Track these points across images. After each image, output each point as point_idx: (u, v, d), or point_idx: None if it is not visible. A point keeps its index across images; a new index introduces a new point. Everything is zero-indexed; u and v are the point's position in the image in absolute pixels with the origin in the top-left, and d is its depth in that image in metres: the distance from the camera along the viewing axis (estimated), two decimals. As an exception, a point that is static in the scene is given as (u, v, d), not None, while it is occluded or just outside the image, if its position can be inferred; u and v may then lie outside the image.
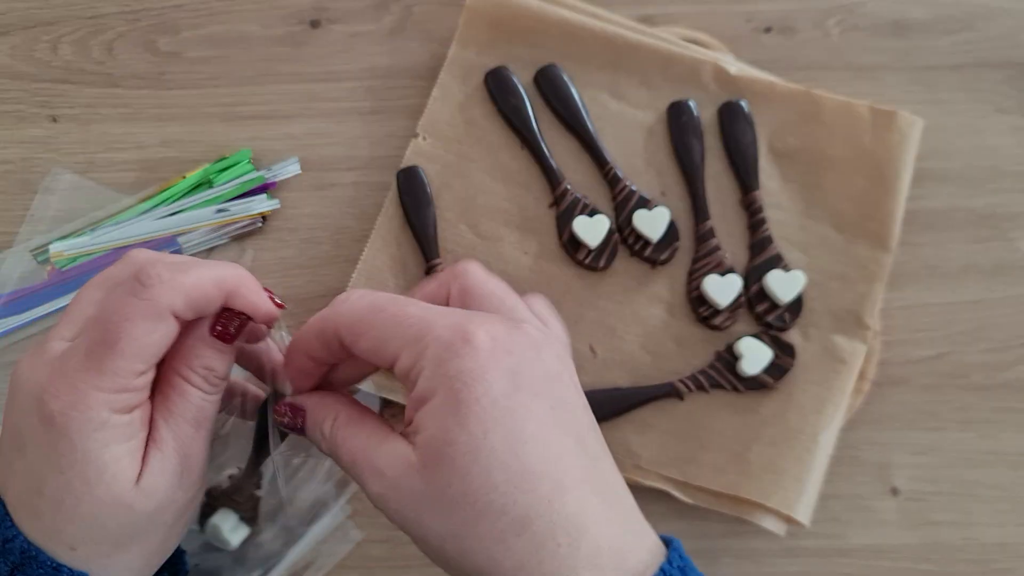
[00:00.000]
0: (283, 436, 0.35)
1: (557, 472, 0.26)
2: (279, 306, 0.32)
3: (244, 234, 0.47)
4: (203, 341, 0.31)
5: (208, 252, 0.47)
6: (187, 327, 0.30)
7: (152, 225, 0.46)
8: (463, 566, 0.27)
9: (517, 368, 0.27)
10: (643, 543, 0.28)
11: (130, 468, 0.29)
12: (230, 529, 0.38)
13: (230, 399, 0.35)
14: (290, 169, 0.47)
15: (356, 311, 0.29)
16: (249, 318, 0.31)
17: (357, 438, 0.29)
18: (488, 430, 0.26)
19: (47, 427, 0.28)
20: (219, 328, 0.30)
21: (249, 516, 0.38)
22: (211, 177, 0.47)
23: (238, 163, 0.47)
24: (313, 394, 0.32)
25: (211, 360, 0.31)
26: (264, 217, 0.47)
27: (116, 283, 0.29)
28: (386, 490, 0.27)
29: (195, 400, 0.30)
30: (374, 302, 0.29)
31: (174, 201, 0.46)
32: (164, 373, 0.30)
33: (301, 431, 0.32)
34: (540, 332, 0.29)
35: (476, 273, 0.31)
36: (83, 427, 0.28)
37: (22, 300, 0.45)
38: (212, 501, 0.38)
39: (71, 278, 0.45)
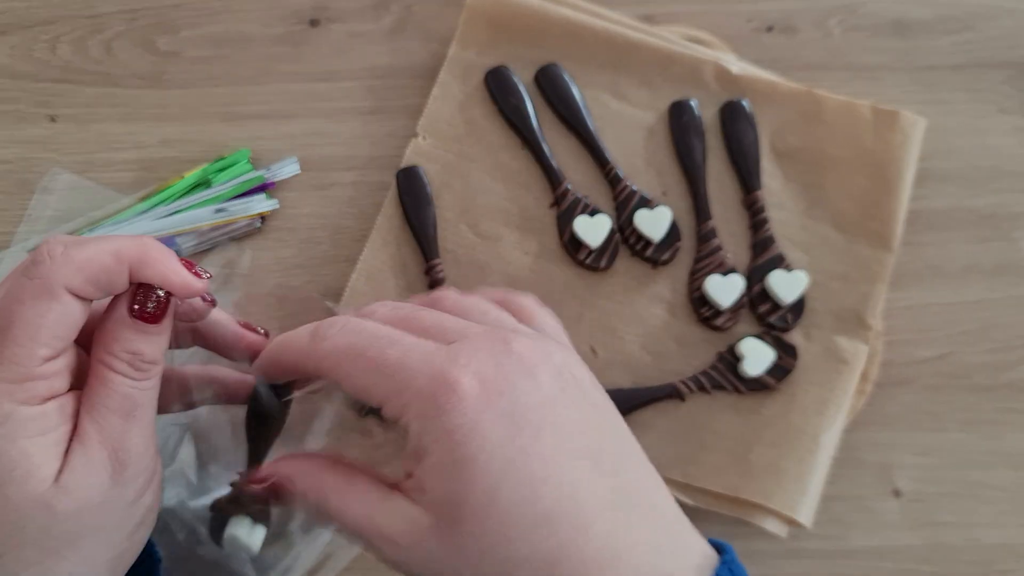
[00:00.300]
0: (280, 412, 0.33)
1: (575, 508, 0.25)
2: (198, 276, 0.28)
3: (243, 235, 0.47)
4: (122, 322, 0.28)
5: (206, 252, 0.46)
6: (108, 309, 0.28)
7: (150, 225, 0.46)
8: None
9: (512, 408, 0.25)
10: (688, 557, 0.26)
11: (46, 465, 0.26)
12: (247, 534, 0.36)
13: (199, 387, 0.33)
14: (289, 169, 0.47)
15: (335, 353, 0.27)
16: (170, 293, 0.28)
17: (357, 506, 0.27)
18: (496, 484, 0.25)
19: None
20: (136, 307, 0.27)
21: (262, 515, 0.36)
22: (210, 177, 0.46)
23: (237, 163, 0.47)
24: (292, 461, 0.30)
25: (134, 343, 0.27)
26: (263, 217, 0.47)
27: (17, 269, 0.27)
28: (402, 556, 0.26)
29: (120, 388, 0.27)
30: (355, 343, 0.27)
31: (173, 201, 0.46)
32: (92, 365, 0.28)
33: (284, 501, 0.30)
34: (532, 345, 0.27)
35: (450, 296, 0.30)
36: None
37: None
38: (220, 513, 0.36)
39: None
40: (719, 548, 0.27)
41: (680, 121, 0.46)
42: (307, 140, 0.48)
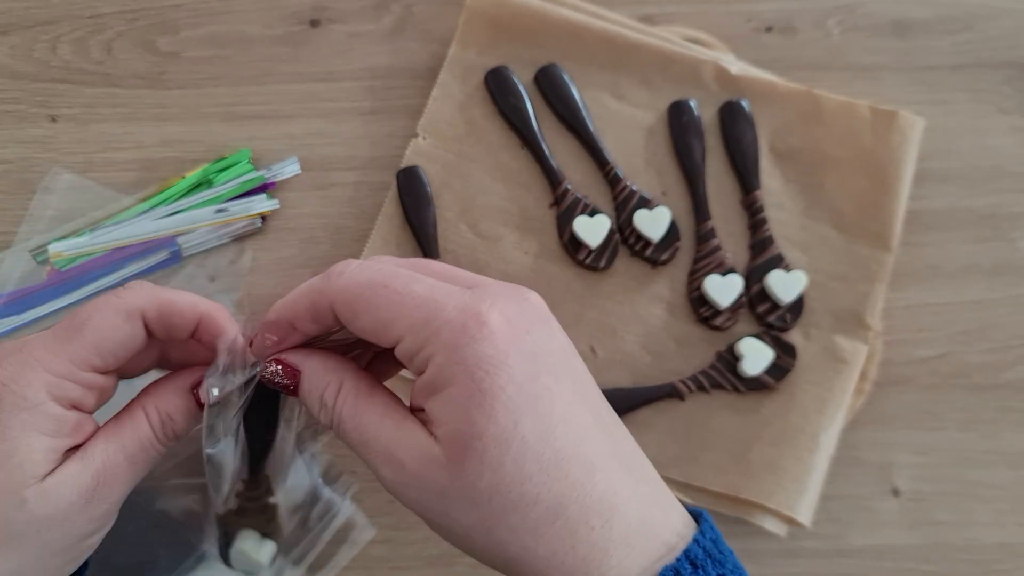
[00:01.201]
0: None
1: (586, 453, 0.25)
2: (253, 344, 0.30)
3: (244, 234, 0.47)
4: (177, 387, 0.30)
5: (207, 253, 0.46)
6: (169, 376, 0.30)
7: (151, 225, 0.46)
8: (493, 556, 0.26)
9: (536, 348, 0.26)
10: (672, 516, 0.27)
11: (40, 463, 0.27)
12: (255, 548, 0.35)
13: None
14: (290, 169, 0.47)
15: (354, 286, 0.27)
16: (219, 396, 0.30)
17: (368, 416, 0.27)
18: (518, 420, 0.25)
19: None
20: (196, 384, 0.30)
21: (270, 528, 0.36)
22: (211, 177, 0.47)
23: (237, 163, 0.47)
24: (312, 353, 0.29)
25: (175, 410, 0.30)
26: (263, 217, 0.47)
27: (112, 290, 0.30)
28: (406, 480, 0.26)
29: (142, 436, 0.29)
30: (374, 277, 0.27)
31: (173, 201, 0.46)
32: (128, 406, 0.30)
33: (293, 392, 0.29)
34: (541, 299, 0.28)
35: (437, 262, 0.30)
36: (15, 403, 0.27)
37: (21, 300, 0.45)
38: (227, 528, 0.36)
39: (70, 278, 0.45)
40: (695, 515, 0.28)
41: (679, 121, 0.47)
42: (307, 140, 0.48)
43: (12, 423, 0.27)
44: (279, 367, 0.29)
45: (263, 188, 0.47)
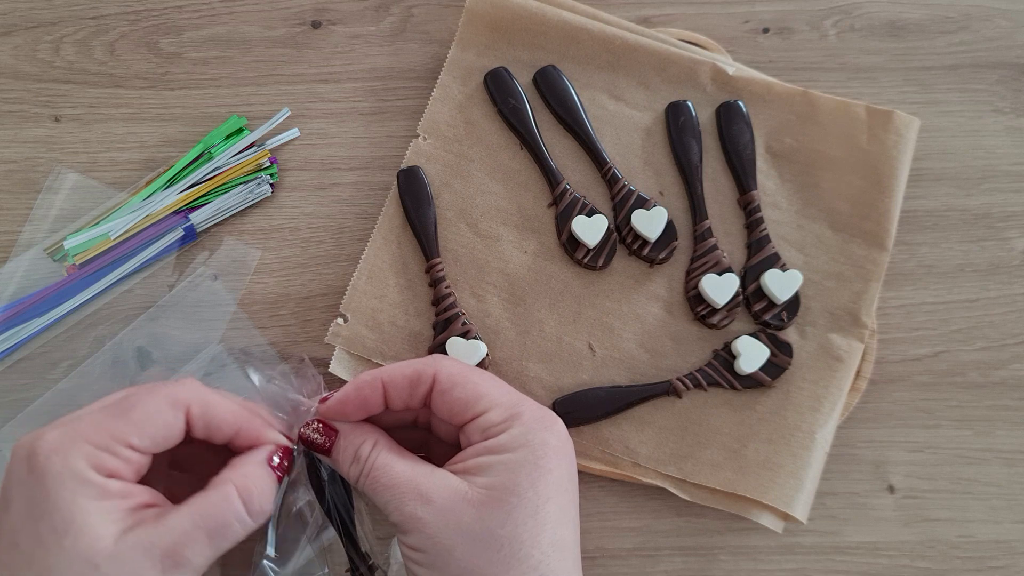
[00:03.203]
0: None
1: (574, 555, 0.31)
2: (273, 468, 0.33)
3: (254, 204, 0.47)
4: (261, 463, 0.32)
5: (213, 252, 0.47)
6: (248, 453, 0.32)
7: (162, 204, 0.46)
8: None
9: (570, 467, 0.32)
10: None
11: (103, 527, 0.28)
12: None
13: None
14: (289, 134, 0.48)
15: (458, 364, 0.33)
16: (291, 459, 0.33)
17: (401, 464, 0.31)
18: (550, 498, 0.30)
19: (29, 473, 0.28)
20: (275, 460, 0.33)
21: None
22: (211, 150, 0.47)
23: (233, 131, 0.48)
24: (349, 424, 0.34)
25: (266, 494, 0.31)
26: (272, 185, 0.47)
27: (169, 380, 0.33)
28: (429, 515, 0.29)
29: (229, 511, 0.30)
30: (470, 369, 0.33)
31: (179, 181, 0.47)
32: (215, 480, 0.31)
33: (326, 452, 0.33)
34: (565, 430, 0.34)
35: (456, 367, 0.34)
36: (58, 476, 0.28)
37: (46, 301, 0.45)
38: None
39: (90, 272, 0.45)
40: None
41: (677, 122, 0.47)
42: (309, 140, 0.49)
43: (63, 493, 0.28)
44: (319, 425, 0.33)
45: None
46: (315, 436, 0.33)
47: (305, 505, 0.36)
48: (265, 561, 0.35)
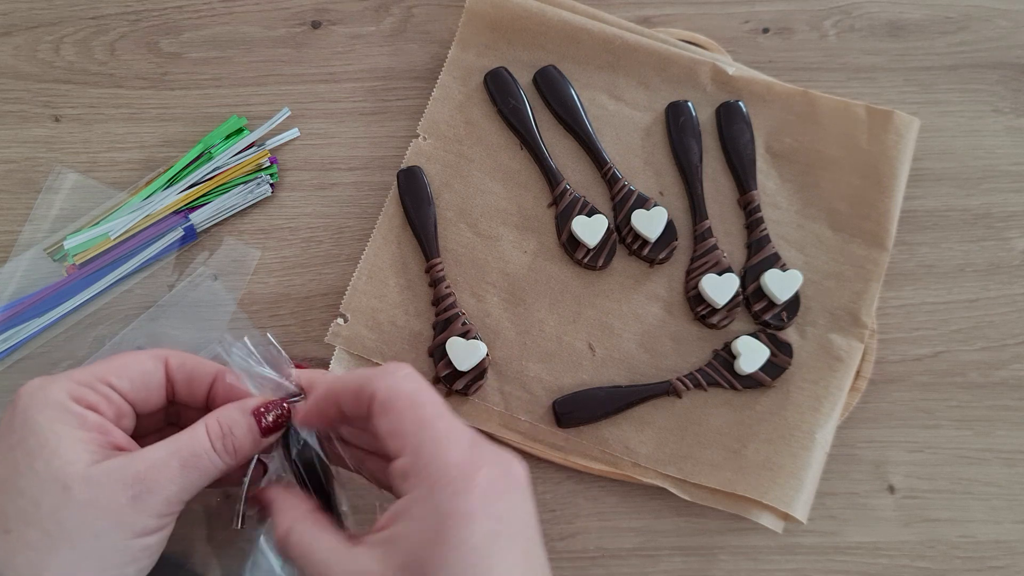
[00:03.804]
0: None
1: None
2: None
3: (254, 204, 0.47)
4: (241, 410, 0.32)
5: (213, 252, 0.47)
6: (237, 401, 0.33)
7: (162, 204, 0.46)
8: None
9: (503, 514, 0.28)
10: None
11: (76, 452, 0.28)
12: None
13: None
14: (289, 134, 0.48)
15: (397, 391, 0.30)
16: (287, 417, 0.33)
17: (323, 541, 0.29)
18: (462, 573, 0.27)
19: (11, 407, 0.29)
20: (261, 409, 0.33)
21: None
22: (210, 150, 0.47)
23: (233, 131, 0.48)
24: (279, 489, 0.33)
25: (236, 424, 0.32)
26: (272, 186, 0.47)
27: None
28: None
29: (198, 443, 0.31)
30: (416, 394, 0.30)
31: (179, 180, 0.47)
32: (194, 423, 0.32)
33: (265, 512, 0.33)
34: (525, 470, 0.30)
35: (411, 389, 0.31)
36: (38, 403, 0.29)
37: (47, 300, 0.45)
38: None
39: (91, 271, 0.45)
40: None
41: (677, 122, 0.47)
42: (309, 140, 0.49)
43: (39, 419, 0.29)
44: (257, 504, 0.34)
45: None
46: (252, 512, 0.34)
47: (278, 475, 0.36)
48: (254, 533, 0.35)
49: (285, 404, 0.33)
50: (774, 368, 0.43)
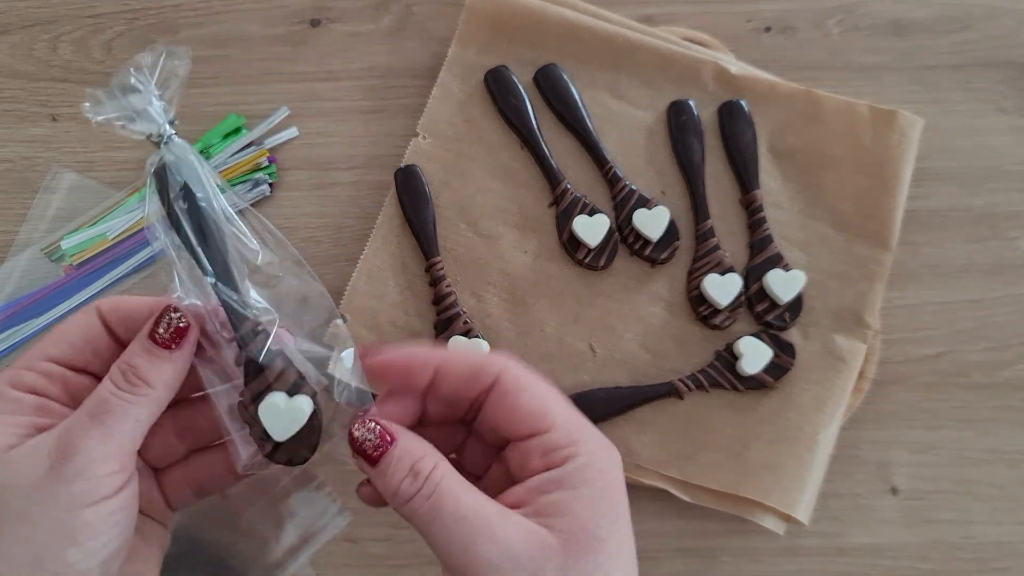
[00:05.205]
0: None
1: None
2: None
3: (252, 204, 0.47)
4: (138, 339, 0.29)
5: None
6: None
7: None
8: None
9: (625, 497, 0.29)
10: None
11: (2, 438, 0.27)
12: (286, 402, 0.30)
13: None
14: (287, 133, 0.48)
15: (523, 369, 0.29)
16: (186, 324, 0.29)
17: (469, 494, 0.27)
18: (624, 542, 0.27)
19: None
20: (152, 326, 0.29)
21: (295, 387, 0.31)
22: (209, 149, 0.47)
23: (231, 130, 0.47)
24: (403, 428, 0.29)
25: (135, 357, 0.29)
26: (271, 185, 0.47)
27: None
28: (506, 561, 0.26)
29: (101, 390, 0.28)
30: (534, 374, 0.29)
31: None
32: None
33: (374, 460, 0.28)
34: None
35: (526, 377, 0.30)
36: None
37: (43, 301, 0.45)
38: (252, 400, 0.31)
39: (88, 271, 0.45)
40: None
41: (679, 121, 0.47)
42: (308, 139, 0.48)
43: None
44: (377, 426, 0.28)
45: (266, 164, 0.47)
46: (368, 438, 0.28)
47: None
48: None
49: (171, 304, 0.29)
50: (777, 369, 0.43)
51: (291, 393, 0.30)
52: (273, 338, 0.30)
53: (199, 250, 0.29)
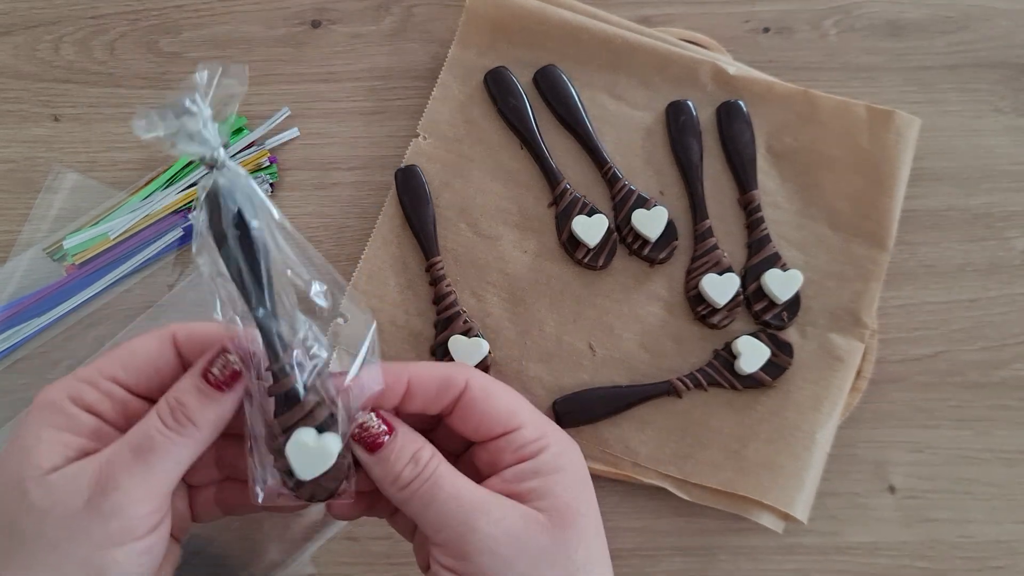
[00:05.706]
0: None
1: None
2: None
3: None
4: (192, 373, 0.29)
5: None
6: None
7: (161, 203, 0.46)
8: None
9: (591, 480, 0.32)
10: None
11: (48, 456, 0.26)
12: (315, 440, 0.29)
13: None
14: (288, 133, 0.48)
15: (485, 375, 0.32)
16: (239, 368, 0.29)
17: (463, 480, 0.29)
18: (597, 517, 0.31)
19: (25, 412, 0.29)
20: (206, 366, 0.29)
21: (326, 424, 0.30)
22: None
23: (233, 130, 0.48)
24: (399, 420, 0.31)
25: (185, 394, 0.28)
26: (272, 185, 0.47)
27: None
28: (501, 534, 0.28)
29: (145, 425, 0.28)
30: (495, 379, 0.32)
31: (178, 180, 0.47)
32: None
33: (375, 448, 0.29)
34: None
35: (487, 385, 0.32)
36: (38, 403, 0.28)
37: (46, 300, 0.45)
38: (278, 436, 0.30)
39: (90, 271, 0.45)
40: None
41: (677, 121, 0.47)
42: (309, 140, 0.49)
43: (30, 419, 0.28)
44: (376, 418, 0.30)
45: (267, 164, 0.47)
46: (372, 425, 0.29)
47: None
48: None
49: (226, 345, 0.29)
50: (775, 368, 0.43)
51: (320, 430, 0.29)
52: (316, 374, 0.30)
53: (247, 279, 0.28)
